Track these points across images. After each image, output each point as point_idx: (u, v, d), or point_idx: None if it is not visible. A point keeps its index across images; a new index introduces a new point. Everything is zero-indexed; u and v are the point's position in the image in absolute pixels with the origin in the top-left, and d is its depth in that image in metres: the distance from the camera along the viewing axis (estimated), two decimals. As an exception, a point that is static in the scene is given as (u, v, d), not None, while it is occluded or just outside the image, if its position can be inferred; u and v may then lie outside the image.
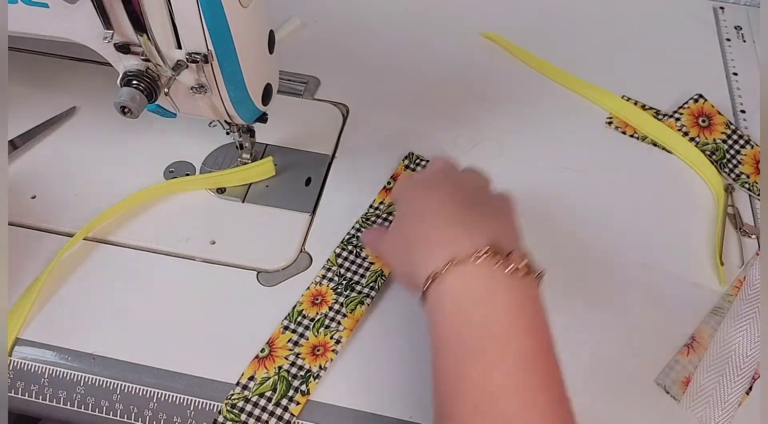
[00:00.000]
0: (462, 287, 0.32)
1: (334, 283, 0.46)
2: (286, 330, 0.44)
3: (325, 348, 0.43)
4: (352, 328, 0.44)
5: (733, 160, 0.55)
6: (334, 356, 0.43)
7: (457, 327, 0.32)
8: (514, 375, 0.30)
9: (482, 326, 0.31)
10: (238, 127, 0.48)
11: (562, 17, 0.67)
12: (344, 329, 0.44)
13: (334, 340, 0.44)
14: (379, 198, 0.51)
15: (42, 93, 0.57)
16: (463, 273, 0.32)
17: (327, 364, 0.42)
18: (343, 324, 0.44)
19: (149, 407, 0.41)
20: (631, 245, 0.49)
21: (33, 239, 0.48)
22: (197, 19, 0.37)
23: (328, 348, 0.43)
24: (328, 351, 0.43)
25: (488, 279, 0.32)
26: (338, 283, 0.46)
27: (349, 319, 0.44)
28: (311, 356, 0.43)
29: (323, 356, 0.43)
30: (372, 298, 0.45)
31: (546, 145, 0.55)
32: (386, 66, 0.61)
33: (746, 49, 0.64)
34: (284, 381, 0.42)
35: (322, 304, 0.45)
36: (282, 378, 0.42)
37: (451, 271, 0.32)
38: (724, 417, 0.41)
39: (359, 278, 0.47)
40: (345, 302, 0.45)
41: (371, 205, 0.50)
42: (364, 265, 0.47)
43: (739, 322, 0.45)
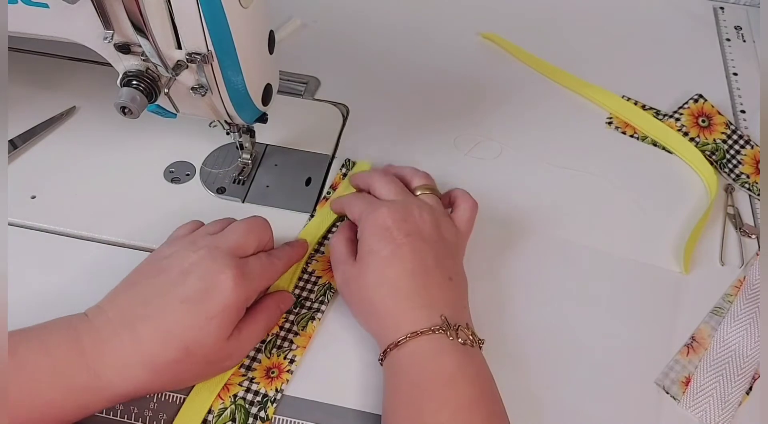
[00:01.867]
0: (418, 350, 0.38)
1: None
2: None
3: (279, 370, 0.42)
4: (305, 345, 0.43)
5: (733, 160, 0.55)
6: (290, 377, 0.41)
7: (412, 376, 0.37)
8: (459, 415, 0.36)
9: (433, 375, 0.37)
10: (238, 128, 0.48)
11: (561, 17, 0.67)
12: (297, 348, 0.43)
13: (288, 360, 0.42)
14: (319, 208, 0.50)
15: (42, 93, 0.57)
16: (419, 341, 0.38)
17: (283, 386, 0.41)
18: (296, 342, 0.43)
19: (149, 407, 0.41)
20: (631, 244, 0.49)
21: (33, 239, 0.48)
22: (197, 20, 0.37)
23: (282, 369, 0.42)
24: (282, 372, 0.42)
25: (440, 345, 0.38)
26: None
27: (301, 336, 0.43)
28: (266, 380, 0.41)
29: (278, 378, 0.41)
30: (323, 312, 0.44)
31: (546, 145, 0.55)
32: (386, 66, 0.61)
33: (746, 49, 0.64)
34: (242, 410, 0.40)
35: None
36: (239, 407, 0.40)
37: (409, 340, 0.38)
38: (724, 417, 0.41)
39: (308, 293, 0.45)
40: (296, 320, 0.44)
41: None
42: (312, 279, 0.46)
43: (739, 322, 0.45)
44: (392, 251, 0.41)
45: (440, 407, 0.36)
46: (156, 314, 0.37)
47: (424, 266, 0.41)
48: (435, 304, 0.39)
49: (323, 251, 0.48)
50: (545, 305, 0.46)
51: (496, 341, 0.43)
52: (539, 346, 0.44)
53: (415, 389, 0.37)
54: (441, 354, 0.37)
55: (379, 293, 0.40)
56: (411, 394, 0.37)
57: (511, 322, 0.45)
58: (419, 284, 0.40)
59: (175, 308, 0.37)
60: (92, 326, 0.37)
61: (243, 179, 0.51)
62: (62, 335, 0.36)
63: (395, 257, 0.41)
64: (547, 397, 0.42)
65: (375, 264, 0.41)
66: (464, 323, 0.39)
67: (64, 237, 0.48)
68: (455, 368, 0.37)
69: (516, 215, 0.51)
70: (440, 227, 0.43)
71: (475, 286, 0.43)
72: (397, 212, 0.42)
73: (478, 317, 0.42)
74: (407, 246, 0.41)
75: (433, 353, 0.37)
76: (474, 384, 0.37)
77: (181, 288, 0.37)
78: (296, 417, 0.40)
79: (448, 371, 0.37)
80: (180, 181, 0.52)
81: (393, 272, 0.40)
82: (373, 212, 0.43)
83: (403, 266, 0.40)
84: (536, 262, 0.48)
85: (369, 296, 0.41)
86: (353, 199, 0.47)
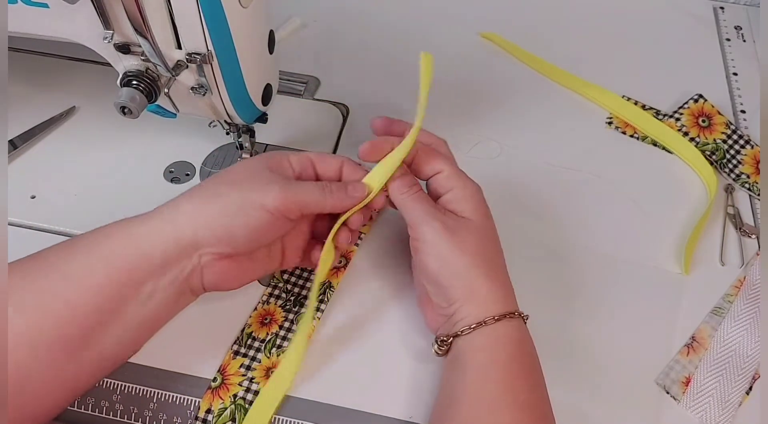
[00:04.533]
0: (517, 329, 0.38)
1: (281, 300, 0.45)
2: (236, 355, 0.42)
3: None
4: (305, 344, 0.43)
5: (733, 160, 0.55)
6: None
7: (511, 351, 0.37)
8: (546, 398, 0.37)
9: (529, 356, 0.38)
10: (238, 127, 0.48)
11: (561, 17, 0.67)
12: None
13: None
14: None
15: (42, 93, 0.57)
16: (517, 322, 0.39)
17: None
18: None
19: (149, 407, 0.41)
20: (631, 244, 0.49)
21: (33, 239, 0.48)
22: (197, 20, 0.37)
23: None
24: None
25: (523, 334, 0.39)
26: (286, 300, 0.45)
27: None
28: (266, 380, 0.41)
29: None
30: (323, 312, 0.44)
31: (546, 145, 0.55)
32: (386, 66, 0.61)
33: (746, 49, 0.64)
34: (242, 410, 0.40)
35: (272, 323, 0.44)
36: (239, 407, 0.40)
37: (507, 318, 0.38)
38: (724, 417, 0.41)
39: (307, 292, 0.45)
40: (295, 319, 0.44)
41: None
42: (311, 278, 0.46)
43: (739, 322, 0.45)
44: (491, 226, 0.41)
45: (534, 387, 0.37)
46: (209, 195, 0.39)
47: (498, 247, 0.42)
48: (510, 289, 0.40)
49: None
50: (545, 306, 0.46)
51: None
52: (539, 346, 0.44)
53: (514, 364, 0.37)
54: (525, 341, 0.39)
55: (493, 255, 0.40)
56: (507, 369, 0.37)
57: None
58: (504, 268, 0.41)
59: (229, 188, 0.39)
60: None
61: (243, 179, 0.51)
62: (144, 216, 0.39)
63: (492, 230, 0.41)
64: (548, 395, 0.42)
65: (492, 229, 0.41)
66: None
67: (64, 237, 0.48)
68: (532, 356, 0.39)
69: (515, 215, 0.51)
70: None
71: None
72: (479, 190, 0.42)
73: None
74: (491, 226, 0.42)
75: (527, 336, 0.39)
76: (540, 373, 0.38)
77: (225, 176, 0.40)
78: (296, 417, 0.40)
79: (532, 355, 0.38)
80: (180, 181, 0.52)
81: (491, 246, 0.40)
82: (471, 181, 0.42)
83: (496, 246, 0.41)
84: (536, 262, 0.48)
85: (483, 253, 0.39)
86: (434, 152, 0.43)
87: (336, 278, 0.46)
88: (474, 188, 0.41)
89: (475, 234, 0.39)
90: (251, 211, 0.37)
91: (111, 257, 0.36)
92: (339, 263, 0.47)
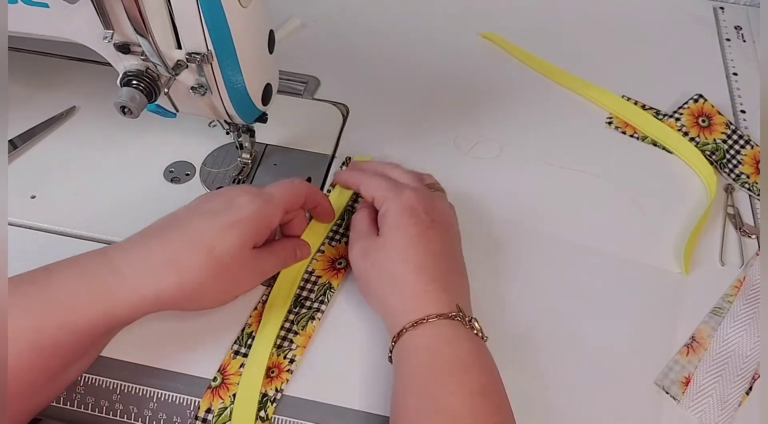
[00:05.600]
0: (438, 332, 0.38)
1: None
2: (237, 355, 0.42)
3: (279, 369, 0.42)
4: (305, 345, 0.43)
5: (733, 160, 0.55)
6: (290, 377, 0.41)
7: (429, 358, 0.37)
8: (472, 400, 0.36)
9: (450, 359, 0.37)
10: (238, 127, 0.48)
11: (561, 17, 0.67)
12: (297, 347, 0.43)
13: (288, 359, 0.42)
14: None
15: (42, 93, 0.57)
16: (439, 324, 0.38)
17: (283, 385, 0.41)
18: (295, 342, 0.43)
19: (149, 407, 0.41)
20: (631, 245, 0.49)
21: (33, 239, 0.48)
22: (197, 19, 0.37)
23: (282, 369, 0.42)
24: (282, 372, 0.41)
25: (458, 331, 0.38)
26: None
27: (301, 336, 0.43)
28: (266, 379, 0.41)
29: (278, 377, 0.41)
30: (323, 312, 0.44)
31: (546, 145, 0.55)
32: (386, 66, 0.61)
33: (746, 49, 0.64)
34: None
35: None
36: None
37: (428, 322, 0.38)
38: (724, 417, 0.41)
39: (308, 293, 0.45)
40: (295, 319, 0.44)
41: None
42: (312, 279, 0.46)
43: (739, 322, 0.45)
44: (420, 232, 0.41)
45: (455, 391, 0.36)
46: (182, 223, 0.39)
47: (448, 253, 0.42)
48: (454, 291, 0.40)
49: (323, 250, 0.48)
50: (545, 305, 0.46)
51: (496, 341, 0.43)
52: (539, 346, 0.44)
53: (432, 371, 0.37)
54: (459, 340, 0.38)
55: (403, 269, 0.40)
56: (427, 376, 0.37)
57: (511, 322, 0.45)
58: (443, 269, 0.41)
59: (199, 219, 0.39)
60: (120, 244, 0.39)
61: (243, 179, 0.51)
62: (92, 254, 0.38)
63: (423, 237, 0.41)
64: (547, 397, 0.42)
65: (402, 240, 0.41)
66: (472, 317, 0.40)
67: (64, 237, 0.48)
68: (471, 355, 0.38)
69: (515, 215, 0.51)
70: (456, 222, 0.45)
71: (475, 285, 0.43)
72: (422, 197, 0.44)
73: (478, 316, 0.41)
74: (434, 230, 0.42)
75: (451, 338, 0.38)
76: (486, 373, 0.38)
77: (205, 205, 0.40)
78: (296, 417, 0.40)
79: (464, 356, 0.37)
80: (180, 181, 0.52)
81: (420, 250, 0.41)
82: (401, 193, 0.43)
83: (430, 248, 0.41)
84: (536, 262, 0.48)
85: (392, 270, 0.41)
86: (374, 178, 0.46)
87: (336, 278, 0.46)
88: (393, 207, 0.43)
89: (384, 252, 0.41)
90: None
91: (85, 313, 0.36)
92: (339, 265, 0.47)
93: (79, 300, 0.36)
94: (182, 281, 0.37)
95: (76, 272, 0.37)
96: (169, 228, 0.39)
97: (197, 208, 0.40)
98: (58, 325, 0.35)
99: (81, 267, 0.37)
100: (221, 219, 0.39)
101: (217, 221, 0.39)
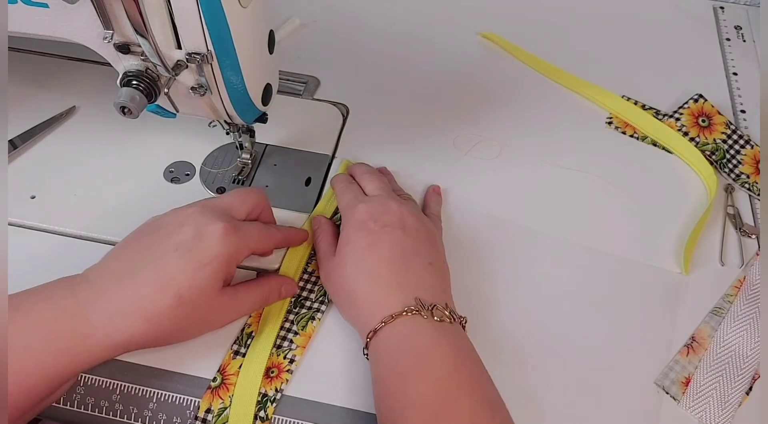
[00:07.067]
0: (393, 334, 0.39)
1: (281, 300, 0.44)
2: (236, 355, 0.42)
3: (279, 369, 0.42)
4: (305, 345, 0.43)
5: (733, 160, 0.55)
6: (290, 377, 0.41)
7: (390, 361, 0.38)
8: (436, 387, 0.36)
9: (409, 355, 0.37)
10: (237, 127, 0.48)
11: (561, 17, 0.67)
12: (297, 348, 0.42)
13: (288, 359, 0.42)
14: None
15: (42, 93, 0.57)
16: (394, 325, 0.39)
17: (283, 385, 0.41)
18: (295, 342, 0.43)
19: (149, 407, 0.41)
20: (631, 244, 0.49)
21: (33, 239, 0.48)
22: (197, 19, 0.37)
23: (282, 369, 0.42)
24: (282, 372, 0.41)
25: (414, 325, 0.38)
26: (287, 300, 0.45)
27: (301, 336, 0.43)
28: (266, 379, 0.41)
29: (278, 377, 0.41)
30: (323, 312, 0.44)
31: (546, 145, 0.55)
32: (386, 66, 0.61)
33: (746, 49, 0.64)
34: None
35: None
36: None
37: (387, 326, 0.39)
38: (724, 417, 0.41)
39: (308, 293, 0.45)
40: (295, 320, 0.44)
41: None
42: (312, 279, 0.46)
43: (739, 322, 0.45)
44: (370, 241, 0.42)
45: (420, 381, 0.36)
46: (152, 261, 0.38)
47: (402, 253, 0.42)
48: (411, 287, 0.40)
49: None
50: (545, 305, 0.46)
51: (495, 340, 0.43)
52: (539, 346, 0.44)
53: (394, 374, 0.37)
54: (415, 334, 0.38)
55: (357, 282, 0.41)
56: (392, 379, 0.37)
57: (511, 322, 0.45)
58: (396, 270, 0.41)
59: (170, 256, 0.38)
60: (89, 280, 0.38)
61: (243, 179, 0.51)
62: (60, 289, 0.37)
63: (372, 246, 0.42)
64: (547, 397, 0.42)
65: (353, 254, 0.42)
66: (442, 303, 0.40)
67: (64, 237, 0.48)
68: (429, 345, 0.38)
69: (515, 215, 0.51)
70: (418, 217, 0.45)
71: (475, 285, 0.43)
72: (375, 207, 0.44)
73: (477, 317, 0.42)
74: (385, 235, 0.42)
75: (407, 335, 0.38)
76: (451, 354, 0.37)
77: (175, 237, 0.38)
78: (296, 417, 0.40)
79: (422, 348, 0.37)
80: (180, 181, 0.52)
81: (370, 260, 0.41)
82: (352, 208, 0.45)
83: (380, 254, 0.41)
84: (536, 262, 0.48)
85: (348, 285, 0.41)
86: (344, 190, 0.48)
87: None
88: (346, 225, 0.44)
89: (339, 270, 0.42)
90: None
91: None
92: None
93: (50, 348, 0.35)
94: (151, 328, 0.37)
95: (49, 317, 0.36)
96: (141, 266, 0.38)
97: (168, 237, 0.39)
98: (28, 373, 0.35)
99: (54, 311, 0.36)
100: (193, 257, 0.38)
101: (189, 260, 0.37)
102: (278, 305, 0.44)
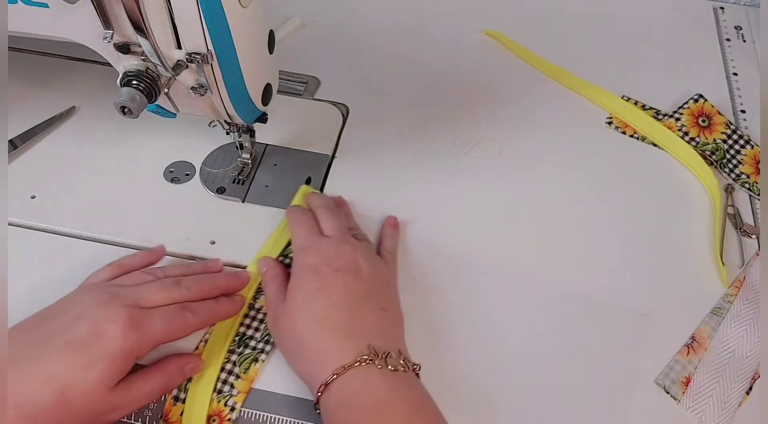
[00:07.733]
0: (347, 385, 0.37)
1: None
2: (176, 401, 0.40)
3: (220, 418, 0.39)
4: (247, 391, 0.40)
5: (733, 160, 0.55)
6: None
7: (347, 412, 0.36)
8: None
9: (364, 407, 0.36)
10: (238, 127, 0.48)
11: (562, 17, 0.67)
12: (239, 394, 0.40)
13: (229, 407, 0.40)
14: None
15: (42, 93, 0.57)
16: (347, 377, 0.37)
17: None
18: (236, 387, 0.40)
19: (149, 407, 0.41)
20: (631, 244, 0.49)
21: (33, 239, 0.48)
22: (197, 19, 0.37)
23: (223, 418, 0.39)
24: (223, 421, 0.39)
25: (368, 375, 0.37)
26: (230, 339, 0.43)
27: (242, 381, 0.40)
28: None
29: None
30: (267, 353, 0.42)
31: (546, 145, 0.55)
32: (386, 66, 0.61)
33: (746, 49, 0.64)
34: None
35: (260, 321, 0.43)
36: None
37: (339, 378, 0.37)
38: (724, 417, 0.41)
39: (253, 331, 0.43)
40: (238, 361, 0.41)
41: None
42: (258, 317, 0.43)
43: (739, 322, 0.45)
44: (322, 285, 0.40)
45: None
46: (39, 355, 0.36)
47: (353, 298, 0.40)
48: (362, 333, 0.39)
49: None
50: (545, 304, 0.46)
51: (499, 336, 0.43)
52: (540, 345, 0.44)
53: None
54: (369, 386, 0.36)
55: (305, 329, 0.39)
56: None
57: (512, 321, 0.45)
58: (347, 315, 0.39)
59: (59, 352, 0.36)
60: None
61: (243, 179, 0.51)
62: None
63: (323, 290, 0.40)
64: (548, 396, 0.42)
65: (302, 299, 0.40)
66: (396, 350, 0.38)
67: (64, 237, 0.48)
68: (385, 394, 0.36)
69: (515, 215, 0.51)
70: (372, 262, 0.43)
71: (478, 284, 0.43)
72: (329, 250, 0.42)
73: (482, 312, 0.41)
74: (336, 280, 0.41)
75: (361, 386, 0.37)
76: (408, 404, 0.36)
77: (69, 332, 0.36)
78: (295, 417, 0.40)
79: (377, 401, 0.36)
80: (180, 181, 0.52)
81: (319, 305, 0.40)
82: (305, 251, 0.43)
83: (330, 298, 0.40)
84: (536, 260, 0.48)
85: (297, 333, 0.39)
86: (299, 225, 0.46)
87: None
88: (296, 268, 0.42)
89: (288, 315, 0.40)
90: None
91: None
92: None
93: None
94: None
95: None
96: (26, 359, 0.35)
97: (62, 330, 0.37)
98: None
99: None
100: (82, 355, 0.36)
101: (77, 357, 0.35)
102: (220, 342, 0.42)
